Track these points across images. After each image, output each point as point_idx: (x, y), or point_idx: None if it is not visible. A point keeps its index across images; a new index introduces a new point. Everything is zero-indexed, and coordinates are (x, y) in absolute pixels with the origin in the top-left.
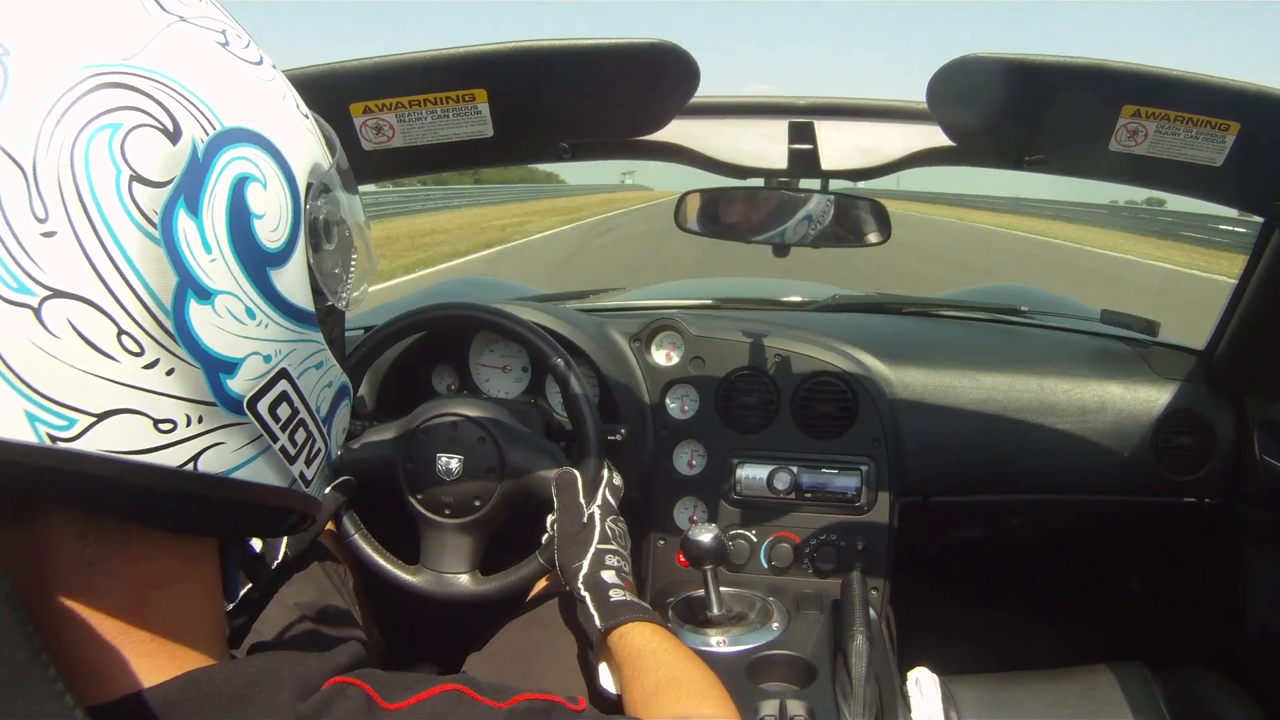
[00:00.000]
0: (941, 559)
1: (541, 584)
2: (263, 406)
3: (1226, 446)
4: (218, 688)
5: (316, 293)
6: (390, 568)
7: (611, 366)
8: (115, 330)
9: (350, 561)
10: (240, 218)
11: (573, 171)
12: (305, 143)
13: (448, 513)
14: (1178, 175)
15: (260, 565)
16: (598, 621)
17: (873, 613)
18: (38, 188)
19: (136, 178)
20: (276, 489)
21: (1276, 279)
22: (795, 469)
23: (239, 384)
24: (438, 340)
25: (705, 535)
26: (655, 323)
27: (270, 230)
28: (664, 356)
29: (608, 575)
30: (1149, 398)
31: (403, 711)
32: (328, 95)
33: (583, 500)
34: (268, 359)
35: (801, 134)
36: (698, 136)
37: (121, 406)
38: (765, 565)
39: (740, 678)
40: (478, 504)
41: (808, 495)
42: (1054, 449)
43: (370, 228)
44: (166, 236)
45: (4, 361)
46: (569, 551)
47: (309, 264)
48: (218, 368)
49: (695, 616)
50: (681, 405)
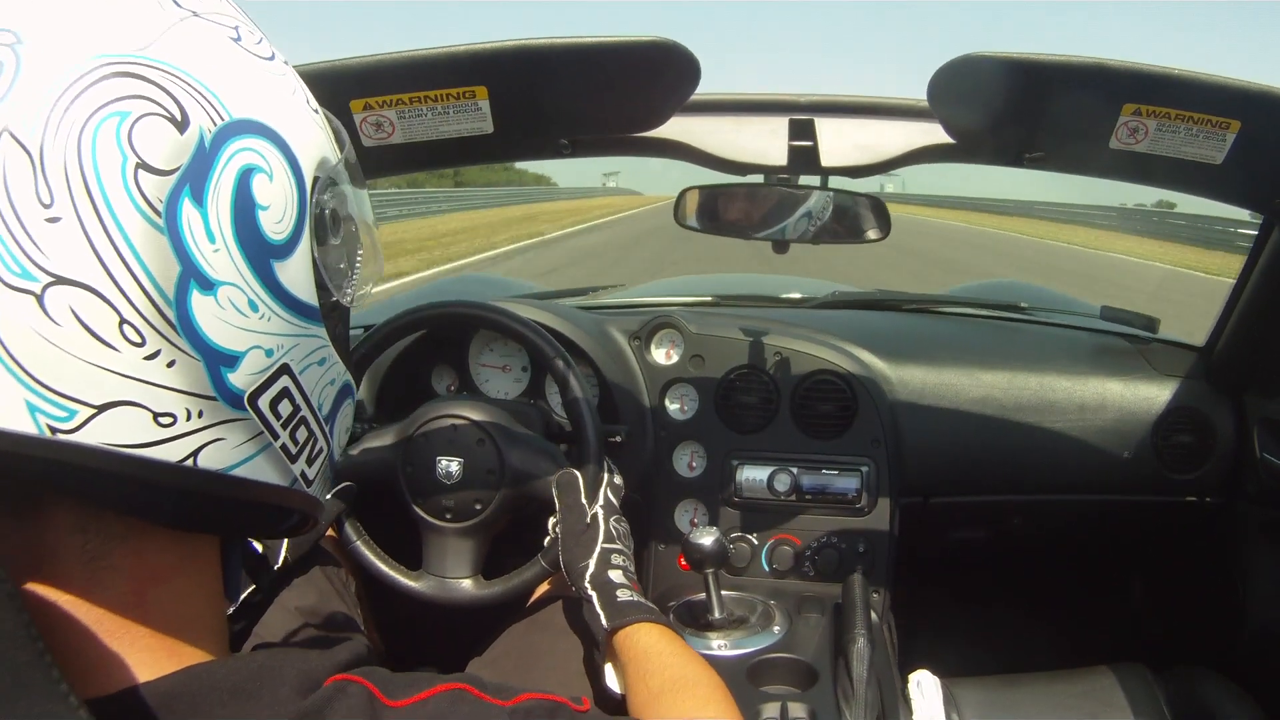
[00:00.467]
0: (942, 560)
1: (544, 587)
2: (264, 402)
3: (1227, 444)
4: (218, 682)
5: (321, 287)
6: (393, 574)
7: (611, 366)
8: (117, 319)
9: (352, 567)
10: (245, 208)
11: (555, 171)
12: (313, 137)
13: (449, 517)
14: (1178, 173)
15: (264, 566)
16: (604, 621)
17: (874, 615)
18: (44, 173)
19: (142, 165)
20: (277, 488)
21: (1276, 276)
22: (795, 470)
23: (240, 378)
24: (437, 340)
25: (706, 539)
26: (655, 320)
27: (275, 222)
28: (664, 355)
29: (614, 575)
30: (1149, 395)
31: (405, 709)
32: (328, 91)
33: (585, 500)
34: (269, 353)
35: (802, 131)
36: (698, 133)
37: (122, 398)
38: (766, 568)
39: (741, 681)
40: (478, 507)
41: (808, 497)
42: (1054, 448)
43: (378, 225)
44: (171, 225)
45: (5, 350)
46: (574, 551)
47: (314, 257)
48: (219, 360)
49: (696, 620)
50: (681, 405)
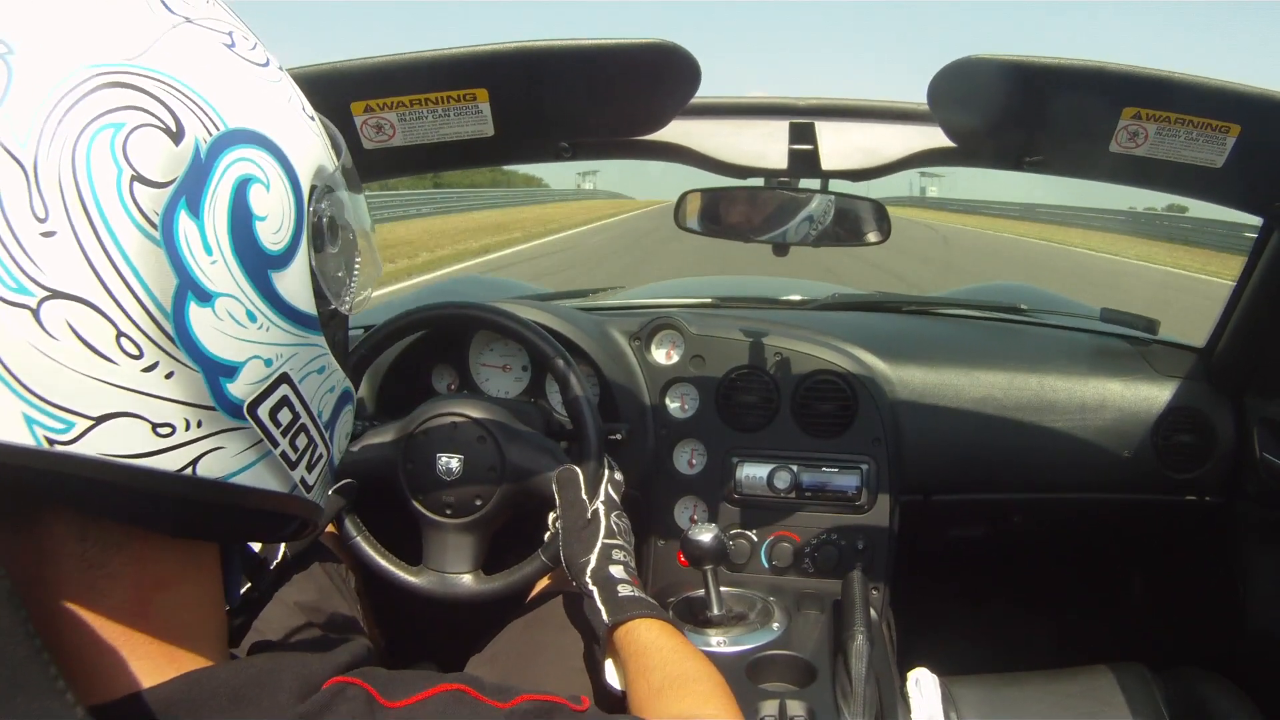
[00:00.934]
0: (942, 558)
1: (544, 583)
2: (263, 411)
3: (1227, 444)
4: (218, 687)
5: (319, 296)
6: (393, 569)
7: (611, 366)
8: (114, 332)
9: (352, 563)
10: (242, 219)
11: (546, 173)
12: (310, 145)
13: (449, 513)
14: (1177, 176)
15: (260, 566)
16: (605, 616)
17: (873, 613)
18: (38, 187)
19: (138, 178)
20: (277, 495)
21: (1276, 278)
22: (795, 468)
23: (239, 388)
24: (437, 340)
25: (705, 535)
26: (655, 321)
27: (272, 232)
28: (664, 355)
29: (615, 570)
30: (1149, 395)
31: (404, 710)
32: (329, 94)
33: (586, 496)
34: (269, 363)
35: (802, 134)
36: (698, 136)
37: (120, 410)
38: (765, 565)
39: (740, 678)
40: (479, 503)
41: (808, 494)
42: (1054, 447)
43: (375, 231)
44: (167, 237)
45: (2, 363)
46: (575, 546)
47: (311, 267)
48: (218, 371)
49: (695, 616)
50: (681, 404)
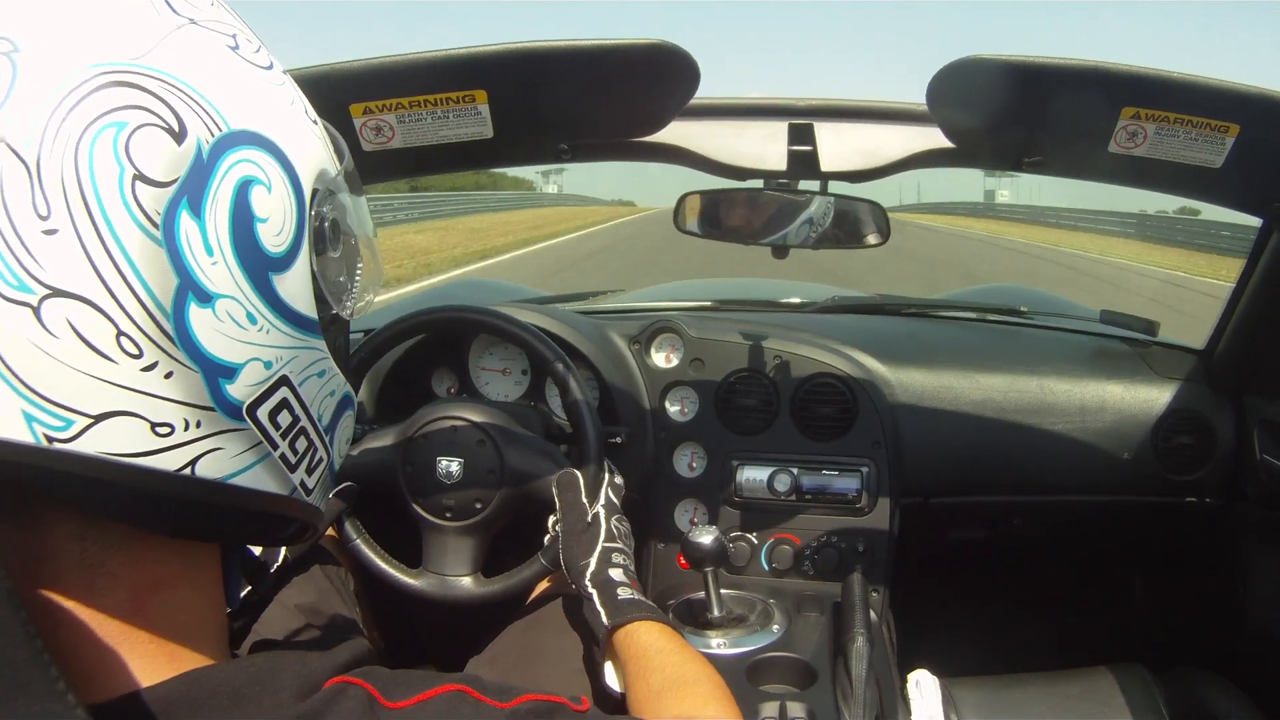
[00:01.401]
0: (942, 560)
1: (544, 585)
2: (262, 413)
3: (1226, 446)
4: (218, 687)
5: (320, 300)
6: (393, 571)
7: (611, 369)
8: (114, 331)
9: (351, 565)
10: (243, 220)
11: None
12: (312, 148)
13: (449, 516)
14: (1176, 176)
15: (260, 568)
16: (605, 619)
17: (873, 615)
18: (41, 184)
19: (140, 177)
20: (276, 496)
21: (1275, 279)
22: (795, 471)
23: (238, 389)
24: (437, 343)
25: (706, 537)
26: (655, 325)
27: (274, 234)
28: (663, 358)
29: (615, 573)
30: (1149, 397)
31: (405, 710)
32: (328, 96)
33: (586, 500)
34: (268, 365)
35: (801, 135)
36: (697, 137)
37: (119, 409)
38: (766, 567)
39: (740, 680)
40: (479, 506)
41: (808, 497)
42: (1054, 449)
43: (377, 235)
44: (168, 237)
45: (2, 361)
46: (575, 550)
47: (313, 270)
48: (217, 372)
49: (696, 618)
50: (681, 407)
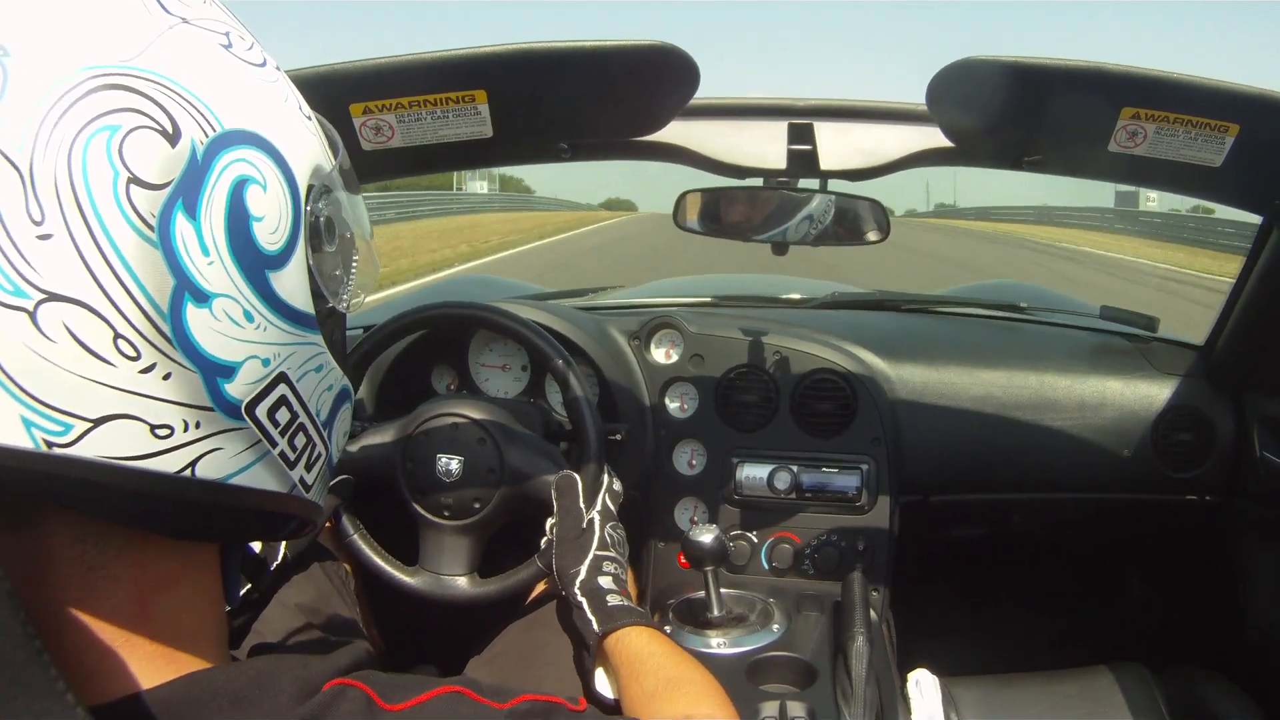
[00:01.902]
0: (942, 559)
1: (541, 586)
2: (261, 411)
3: (1226, 443)
4: (218, 689)
5: (316, 295)
6: (388, 568)
7: (611, 366)
8: (111, 334)
9: (351, 563)
10: (239, 220)
11: (528, 174)
12: (307, 145)
13: (447, 514)
14: (1176, 175)
15: (260, 567)
16: (595, 626)
17: (873, 614)
18: (34, 190)
19: (134, 180)
20: (276, 494)
21: (1275, 276)
22: (795, 468)
23: (237, 388)
24: (437, 339)
25: (706, 536)
26: (654, 320)
27: (269, 232)
28: (663, 354)
29: (605, 581)
30: (1149, 393)
31: (403, 713)
32: (328, 95)
33: (583, 505)
34: (266, 363)
35: (801, 135)
36: (697, 137)
37: (118, 412)
38: (766, 566)
39: (740, 679)
40: (477, 506)
41: (808, 495)
42: (1054, 445)
43: (372, 231)
44: (164, 239)
45: (0, 367)
46: (567, 557)
47: (309, 266)
48: (215, 372)
49: (696, 618)
50: (681, 404)
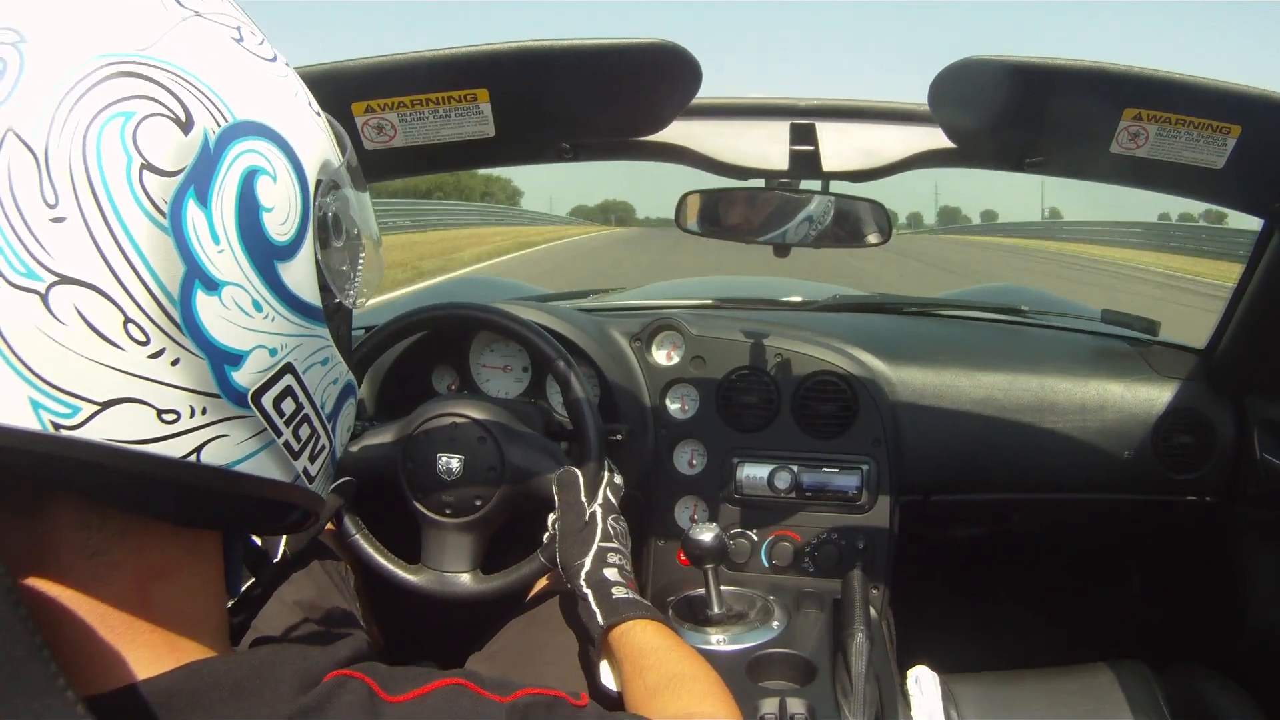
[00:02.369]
0: (942, 557)
1: (542, 583)
2: (267, 400)
3: (1227, 445)
4: (219, 679)
5: (324, 289)
6: (391, 567)
7: (612, 366)
8: (122, 318)
9: (352, 561)
10: (249, 210)
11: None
12: (316, 139)
13: (448, 512)
14: (1178, 177)
15: (263, 559)
16: (600, 618)
17: (873, 611)
18: (49, 173)
19: (147, 166)
20: (279, 484)
21: (1276, 279)
22: (796, 468)
23: (244, 376)
24: (438, 340)
25: (706, 534)
26: (655, 322)
27: (279, 224)
28: (664, 356)
29: (610, 573)
30: (1149, 396)
31: (405, 704)
32: (330, 94)
33: (584, 499)
34: (273, 352)
35: (803, 135)
36: (699, 137)
37: (126, 395)
38: (766, 564)
39: (740, 676)
40: (478, 504)
41: (808, 494)
42: (1054, 448)
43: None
44: (175, 226)
45: (10, 347)
46: (571, 550)
47: (317, 259)
48: (223, 359)
49: (695, 615)
50: (682, 405)
